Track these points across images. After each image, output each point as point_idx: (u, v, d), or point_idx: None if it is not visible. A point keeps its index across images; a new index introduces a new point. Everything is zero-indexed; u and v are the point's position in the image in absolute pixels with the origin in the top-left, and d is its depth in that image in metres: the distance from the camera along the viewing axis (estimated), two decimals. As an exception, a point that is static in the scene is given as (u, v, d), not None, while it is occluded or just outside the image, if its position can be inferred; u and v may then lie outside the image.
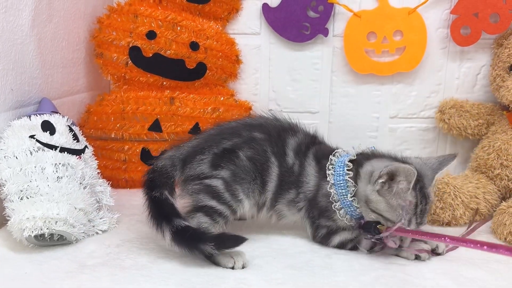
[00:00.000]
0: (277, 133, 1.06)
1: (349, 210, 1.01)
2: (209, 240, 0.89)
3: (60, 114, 1.16)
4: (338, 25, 1.49)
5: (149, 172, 1.02)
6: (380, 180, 0.96)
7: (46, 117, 1.11)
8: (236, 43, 1.50)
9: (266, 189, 1.04)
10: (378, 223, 0.97)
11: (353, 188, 1.00)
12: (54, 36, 1.28)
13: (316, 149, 1.08)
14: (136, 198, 1.26)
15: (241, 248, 0.92)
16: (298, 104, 1.55)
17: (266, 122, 1.10)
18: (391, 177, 0.95)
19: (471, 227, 1.06)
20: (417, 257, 0.98)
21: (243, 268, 0.93)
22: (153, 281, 0.86)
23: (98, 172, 1.18)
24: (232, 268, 0.92)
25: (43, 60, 1.23)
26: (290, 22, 1.47)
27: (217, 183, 1.00)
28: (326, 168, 1.03)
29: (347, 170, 1.01)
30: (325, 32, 1.47)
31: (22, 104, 1.16)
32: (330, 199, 1.01)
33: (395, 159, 1.02)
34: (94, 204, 1.10)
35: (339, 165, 1.02)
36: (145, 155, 1.39)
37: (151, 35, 1.38)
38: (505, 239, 1.09)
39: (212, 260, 0.94)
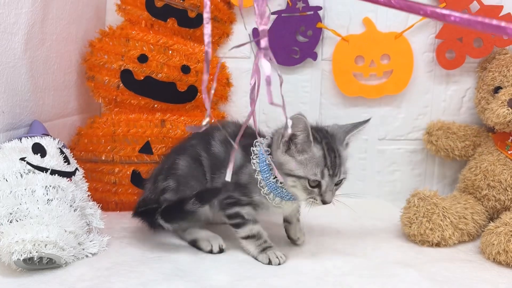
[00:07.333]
0: (204, 133, 1.09)
1: (277, 192, 1.04)
2: (190, 199, 1.03)
3: (51, 136, 1.16)
4: (326, 49, 1.52)
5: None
6: (283, 139, 0.99)
7: (37, 139, 1.11)
8: (227, 67, 1.52)
9: (207, 179, 1.13)
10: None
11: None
12: (46, 59, 1.29)
13: (246, 140, 1.08)
14: (126, 221, 1.26)
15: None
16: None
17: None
18: (291, 135, 0.98)
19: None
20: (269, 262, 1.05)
21: (221, 251, 1.08)
22: (143, 304, 0.86)
23: (88, 195, 1.17)
24: (211, 251, 1.08)
25: (34, 83, 1.24)
26: (279, 46, 1.50)
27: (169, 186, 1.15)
28: (251, 157, 1.07)
29: (267, 154, 1.03)
30: (314, 56, 1.50)
31: (13, 127, 1.16)
32: (258, 185, 1.05)
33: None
34: (84, 226, 1.09)
35: (261, 152, 1.05)
36: (136, 178, 1.39)
37: (142, 58, 1.39)
38: (494, 259, 1.10)
39: (196, 246, 1.10)
